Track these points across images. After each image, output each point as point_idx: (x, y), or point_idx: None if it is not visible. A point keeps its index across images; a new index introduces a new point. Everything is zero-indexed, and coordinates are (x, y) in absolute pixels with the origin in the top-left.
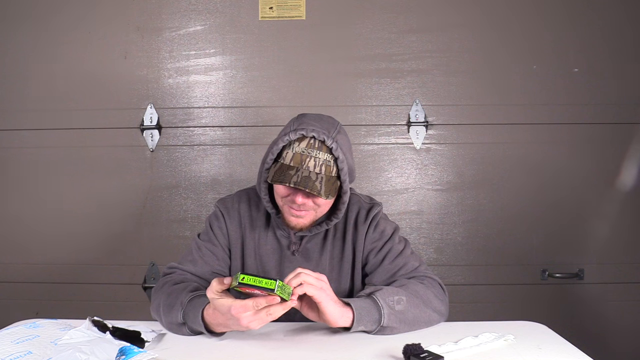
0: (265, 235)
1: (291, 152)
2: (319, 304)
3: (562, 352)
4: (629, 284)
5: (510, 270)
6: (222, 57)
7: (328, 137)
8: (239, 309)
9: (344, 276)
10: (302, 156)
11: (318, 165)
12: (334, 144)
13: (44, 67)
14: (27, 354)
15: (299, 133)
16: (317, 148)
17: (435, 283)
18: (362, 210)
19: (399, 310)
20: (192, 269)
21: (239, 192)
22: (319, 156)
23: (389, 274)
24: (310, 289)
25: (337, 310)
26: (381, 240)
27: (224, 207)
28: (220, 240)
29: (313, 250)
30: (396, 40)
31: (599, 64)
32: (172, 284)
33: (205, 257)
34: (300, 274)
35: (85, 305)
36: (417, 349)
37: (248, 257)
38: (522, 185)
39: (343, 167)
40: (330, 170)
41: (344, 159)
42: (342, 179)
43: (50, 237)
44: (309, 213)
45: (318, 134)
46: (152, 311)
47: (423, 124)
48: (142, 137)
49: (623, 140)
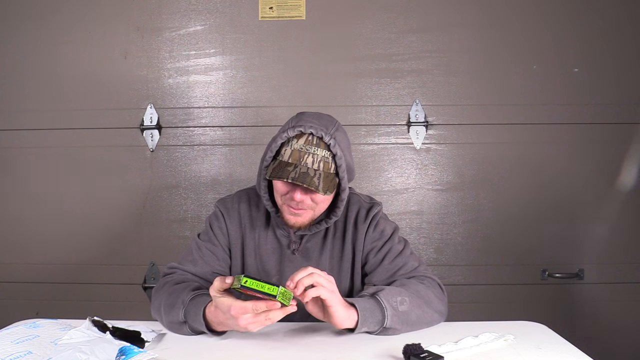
0: (265, 235)
1: (289, 149)
2: (329, 307)
3: (562, 352)
4: (629, 284)
5: (510, 270)
6: (222, 57)
7: (326, 133)
8: (239, 310)
9: (344, 275)
10: (301, 153)
11: (316, 162)
12: (332, 140)
13: (44, 67)
14: (27, 354)
15: (297, 130)
16: (315, 145)
17: (435, 283)
18: (362, 209)
19: (402, 311)
20: (193, 269)
21: (239, 192)
22: (317, 153)
23: (389, 274)
24: (324, 291)
25: (345, 313)
26: (381, 240)
27: (224, 207)
28: (221, 240)
29: (313, 249)
30: (396, 40)
31: (599, 64)
32: (172, 283)
33: (206, 257)
34: (314, 275)
35: (85, 305)
36: (417, 349)
37: (248, 257)
38: (522, 185)
39: (341, 164)
40: (329, 167)
41: (342, 156)
42: (340, 176)
43: (51, 237)
44: (308, 212)
45: (316, 130)
46: (152, 311)
47: (423, 124)
48: (142, 137)
49: (623, 140)
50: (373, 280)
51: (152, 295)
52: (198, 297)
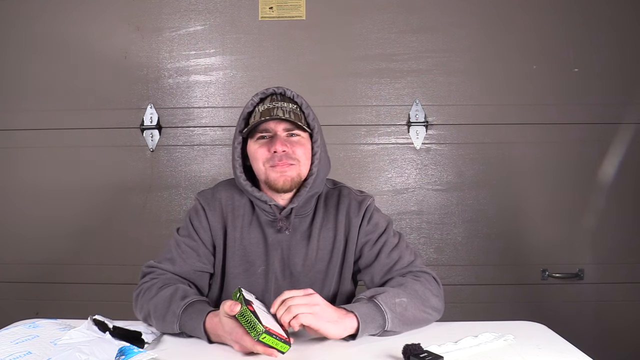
0: (248, 224)
1: (259, 112)
2: (317, 330)
3: (562, 352)
4: (629, 284)
5: (510, 270)
6: (222, 57)
7: (286, 90)
8: (240, 339)
9: (332, 268)
10: (270, 110)
11: (287, 112)
12: (293, 94)
13: (43, 67)
14: (26, 354)
15: (259, 96)
16: (281, 100)
17: (430, 278)
18: (354, 201)
19: (401, 313)
20: (171, 268)
21: (218, 183)
22: (285, 106)
23: (386, 268)
24: (305, 319)
25: (337, 328)
26: (375, 233)
27: (203, 199)
28: (202, 236)
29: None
30: (396, 40)
31: (599, 64)
32: (156, 289)
33: (185, 254)
34: (291, 308)
35: (85, 305)
36: (416, 349)
37: (230, 247)
38: (522, 185)
39: (309, 113)
40: (299, 117)
41: (308, 106)
42: (311, 126)
43: (51, 237)
44: (293, 167)
45: (277, 89)
46: (137, 315)
47: (423, 124)
48: (142, 137)
49: (623, 141)
50: (370, 275)
51: (135, 299)
52: (190, 308)
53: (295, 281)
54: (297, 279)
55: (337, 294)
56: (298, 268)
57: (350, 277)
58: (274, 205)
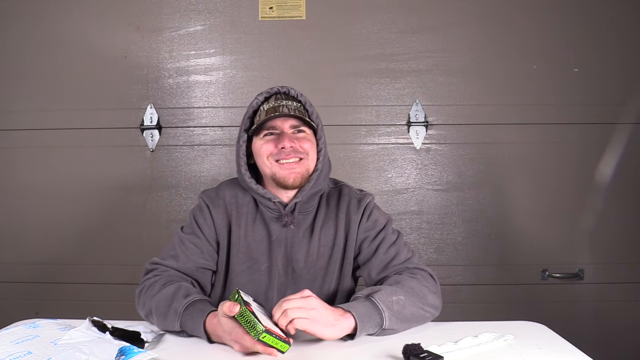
0: (252, 221)
1: (264, 111)
2: (314, 334)
3: (562, 352)
4: (629, 284)
5: (510, 270)
6: (222, 57)
7: (290, 89)
8: (240, 339)
9: (333, 264)
10: (275, 107)
11: (292, 110)
12: (297, 92)
13: (43, 67)
14: (27, 354)
15: (263, 95)
16: (285, 99)
17: (427, 275)
18: (354, 199)
19: (398, 311)
20: (175, 265)
21: (222, 182)
22: (290, 104)
23: (383, 264)
24: (301, 324)
25: (334, 331)
26: (374, 230)
27: (207, 197)
28: (206, 233)
29: (305, 229)
30: (396, 40)
31: (599, 64)
32: (159, 286)
33: (189, 251)
34: (287, 311)
35: (85, 305)
36: (416, 349)
37: (234, 244)
38: (522, 185)
39: (312, 111)
40: (303, 114)
41: (311, 105)
42: (315, 123)
43: (51, 237)
44: (301, 163)
45: (281, 89)
46: (140, 311)
47: (423, 124)
48: (142, 137)
49: (623, 140)
50: (367, 270)
51: (137, 296)
52: (191, 307)
53: (297, 277)
54: (299, 275)
55: (337, 290)
56: (300, 265)
57: (350, 273)
58: (278, 202)
